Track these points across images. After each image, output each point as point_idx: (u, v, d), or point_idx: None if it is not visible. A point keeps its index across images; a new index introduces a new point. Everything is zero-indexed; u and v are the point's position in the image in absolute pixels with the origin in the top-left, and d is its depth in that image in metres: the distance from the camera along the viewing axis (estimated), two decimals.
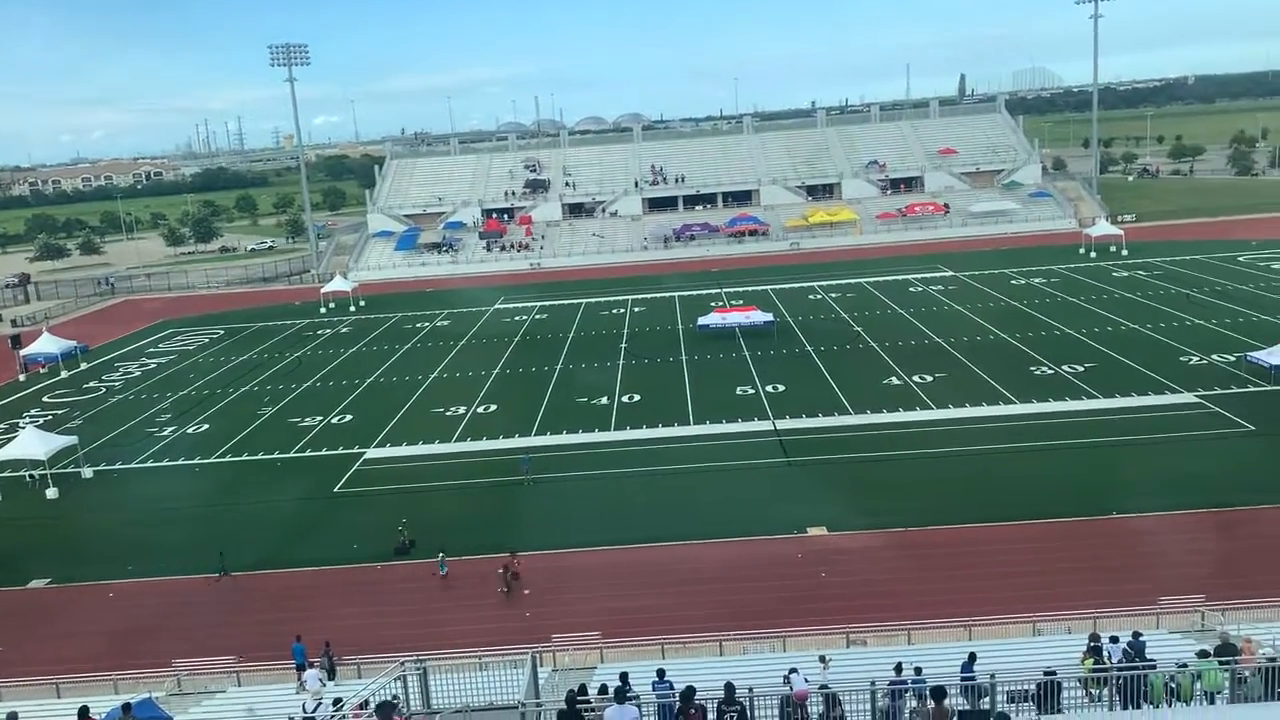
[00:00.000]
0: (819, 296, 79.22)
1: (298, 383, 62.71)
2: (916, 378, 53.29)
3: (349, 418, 54.21)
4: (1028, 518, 35.10)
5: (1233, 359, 51.46)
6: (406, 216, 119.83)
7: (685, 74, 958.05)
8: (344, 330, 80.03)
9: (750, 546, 34.72)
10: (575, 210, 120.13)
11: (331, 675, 26.68)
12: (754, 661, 24.92)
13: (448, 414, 53.38)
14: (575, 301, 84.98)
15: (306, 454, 48.55)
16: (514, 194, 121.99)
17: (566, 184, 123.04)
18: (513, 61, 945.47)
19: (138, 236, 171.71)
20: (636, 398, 53.80)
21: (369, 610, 32.29)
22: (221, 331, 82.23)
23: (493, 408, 54.28)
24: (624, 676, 20.36)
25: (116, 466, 48.69)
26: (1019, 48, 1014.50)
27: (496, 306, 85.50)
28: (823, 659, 23.14)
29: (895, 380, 53.31)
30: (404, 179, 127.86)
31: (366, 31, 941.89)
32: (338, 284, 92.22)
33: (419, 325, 79.58)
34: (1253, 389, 46.93)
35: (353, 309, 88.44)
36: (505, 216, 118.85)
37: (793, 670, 20.26)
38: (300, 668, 26.92)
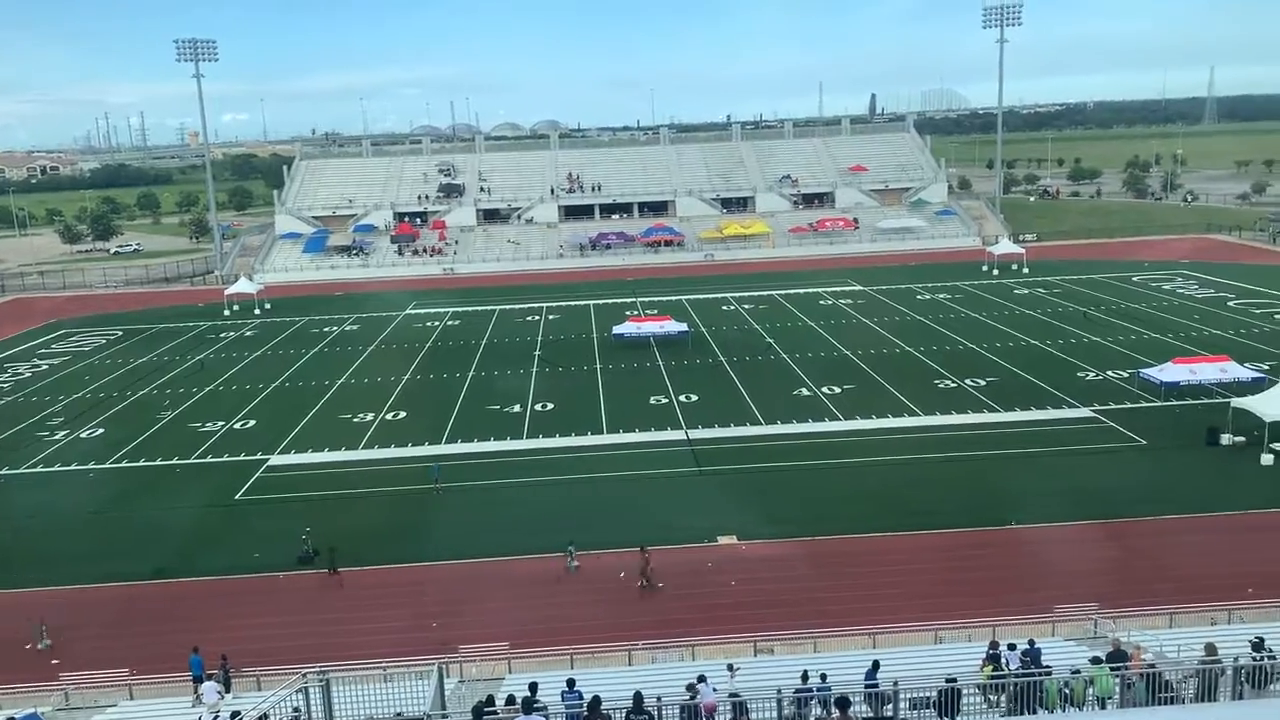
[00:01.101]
0: (732, 308, 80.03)
1: (199, 387, 60.90)
2: (825, 389, 54.17)
3: (252, 423, 52.84)
4: (931, 528, 35.92)
5: (1126, 375, 53.48)
6: (315, 218, 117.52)
7: (603, 83, 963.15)
8: (249, 333, 78.05)
9: (661, 555, 34.76)
10: (490, 216, 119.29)
11: (228, 688, 25.94)
12: (663, 670, 24.99)
13: (355, 421, 52.42)
14: (489, 308, 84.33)
15: (207, 460, 47.16)
16: (428, 198, 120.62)
17: (482, 189, 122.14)
18: (428, 64, 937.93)
19: (32, 233, 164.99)
20: (550, 406, 53.58)
21: (271, 621, 31.47)
22: (120, 333, 79.42)
23: (402, 415, 53.48)
24: (533, 687, 20.25)
25: (3, 472, 46.61)
26: (928, 69, 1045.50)
27: (408, 311, 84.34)
28: (730, 667, 23.33)
29: (805, 391, 54.11)
30: (314, 180, 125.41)
31: (278, 29, 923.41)
32: (243, 286, 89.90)
33: (327, 329, 78.06)
34: (1144, 404, 48.83)
35: (258, 312, 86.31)
36: (418, 220, 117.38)
37: (700, 679, 20.35)
38: (197, 680, 26.09)
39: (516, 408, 53.45)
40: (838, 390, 53.89)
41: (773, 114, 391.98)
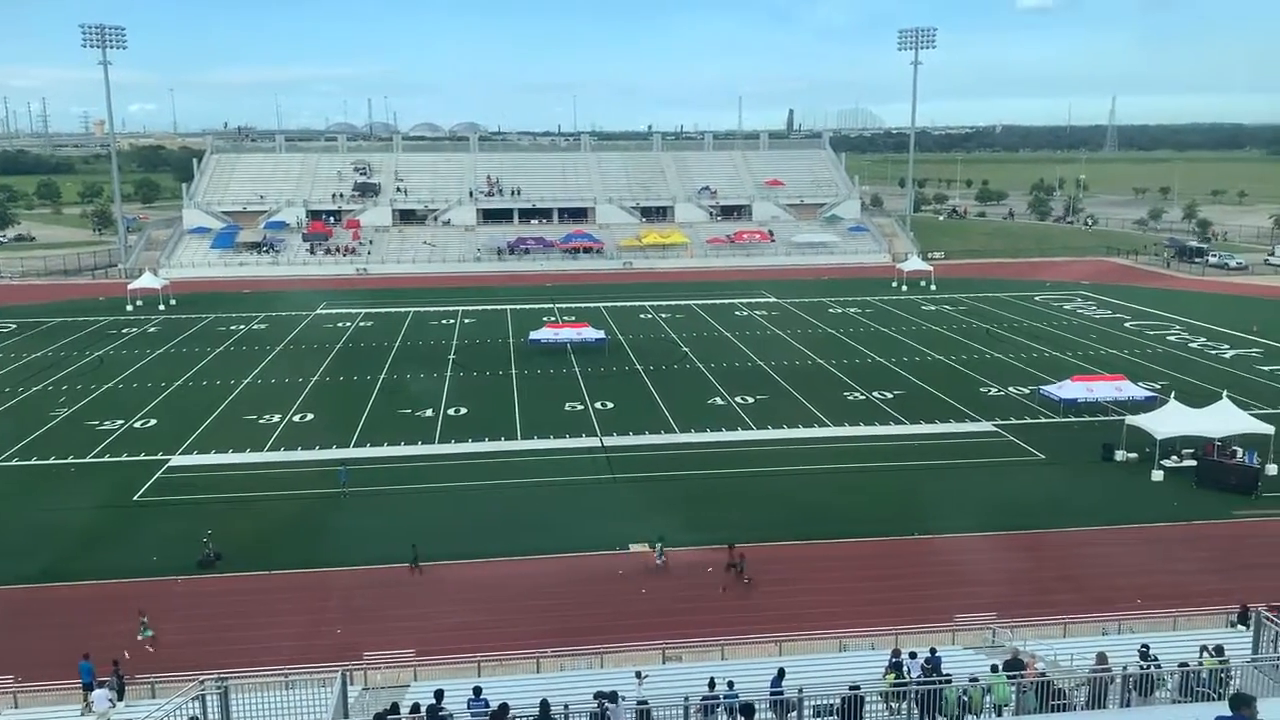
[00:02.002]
0: (650, 316, 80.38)
1: (98, 384, 58.82)
2: (739, 399, 54.75)
3: (153, 422, 51.24)
4: (838, 536, 36.55)
5: (1026, 391, 55.19)
6: (225, 214, 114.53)
7: (525, 87, 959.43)
8: (152, 330, 75.69)
9: (573, 562, 34.76)
10: (406, 217, 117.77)
11: (121, 695, 25.07)
12: (571, 678, 24.93)
13: (261, 422, 51.21)
14: (403, 310, 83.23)
15: (105, 459, 45.55)
16: (342, 196, 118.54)
17: (398, 190, 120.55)
18: (346, 61, 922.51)
19: None
20: (463, 411, 53.09)
21: (169, 626, 30.47)
22: (14, 326, 76.26)
23: (310, 417, 52.43)
24: (438, 694, 20.03)
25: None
26: (844, 88, 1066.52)
27: (318, 311, 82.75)
28: (638, 675, 23.39)
29: (719, 400, 54.60)
30: (224, 174, 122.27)
31: (191, 18, 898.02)
32: (147, 281, 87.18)
33: (234, 328, 76.12)
34: (1043, 420, 50.45)
35: (162, 308, 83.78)
36: (331, 219, 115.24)
37: (613, 697, 20.26)
38: (87, 687, 25.15)
39: (429, 412, 52.84)
40: (751, 400, 54.52)
41: (693, 125, 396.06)
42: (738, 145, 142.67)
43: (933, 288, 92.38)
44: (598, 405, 53.64)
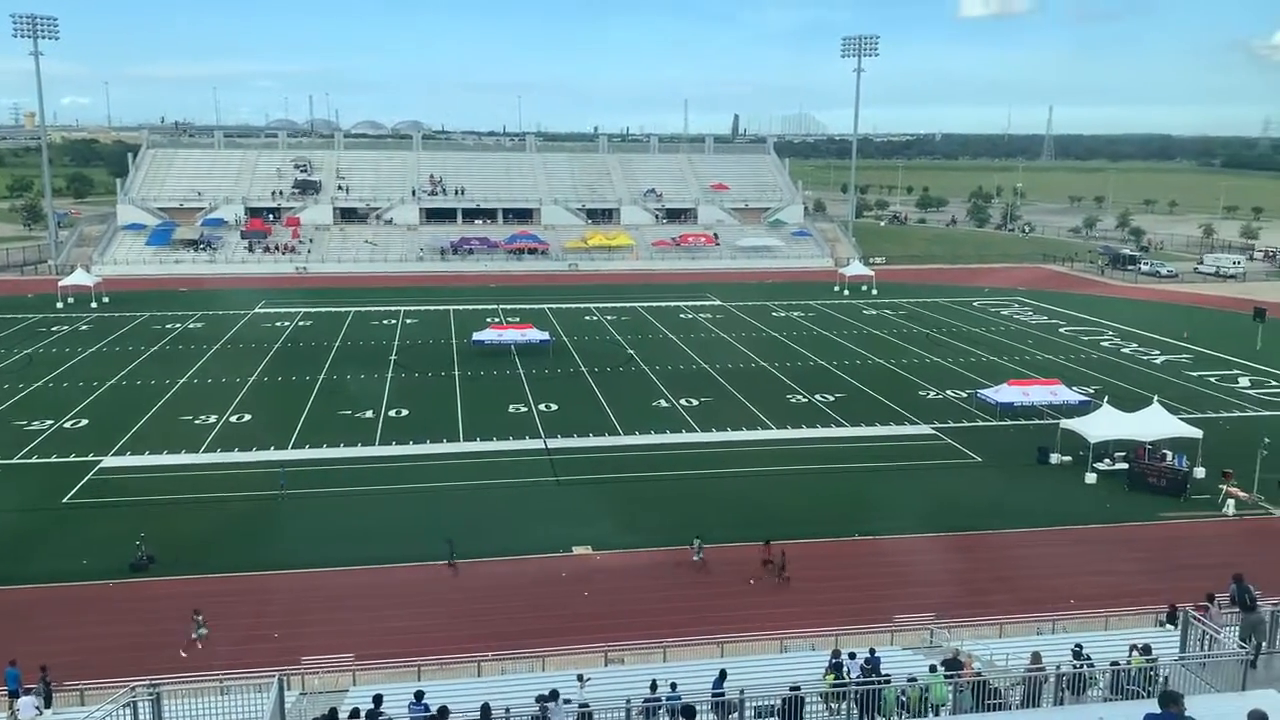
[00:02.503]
0: (595, 318, 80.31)
1: (26, 383, 57.22)
2: (683, 401, 54.93)
3: (84, 422, 49.98)
4: (780, 538, 36.74)
5: (964, 395, 56.11)
6: (161, 210, 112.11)
7: (469, 87, 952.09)
8: (83, 328, 73.83)
9: (515, 565, 34.58)
10: (348, 215, 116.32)
11: (48, 703, 24.38)
12: (512, 682, 24.79)
13: (197, 422, 50.20)
14: (343, 310, 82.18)
15: (33, 460, 44.32)
16: (282, 194, 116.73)
17: (339, 187, 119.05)
18: (287, 57, 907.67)
19: None
20: (405, 412, 52.56)
21: (99, 632, 29.76)
22: None
23: (247, 417, 51.52)
24: (377, 699, 19.81)
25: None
26: (788, 94, 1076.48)
27: (257, 310, 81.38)
28: (580, 678, 23.34)
29: (663, 403, 54.73)
30: (161, 170, 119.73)
31: (126, 9, 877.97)
32: (79, 278, 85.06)
33: (169, 326, 74.54)
34: (980, 423, 51.33)
35: (94, 305, 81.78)
36: (271, 216, 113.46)
37: (553, 696, 20.19)
38: (13, 695, 24.39)
39: (369, 413, 52.22)
40: (695, 402, 54.71)
41: (639, 128, 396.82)
42: (683, 149, 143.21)
43: (874, 292, 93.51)
44: (542, 407, 53.45)
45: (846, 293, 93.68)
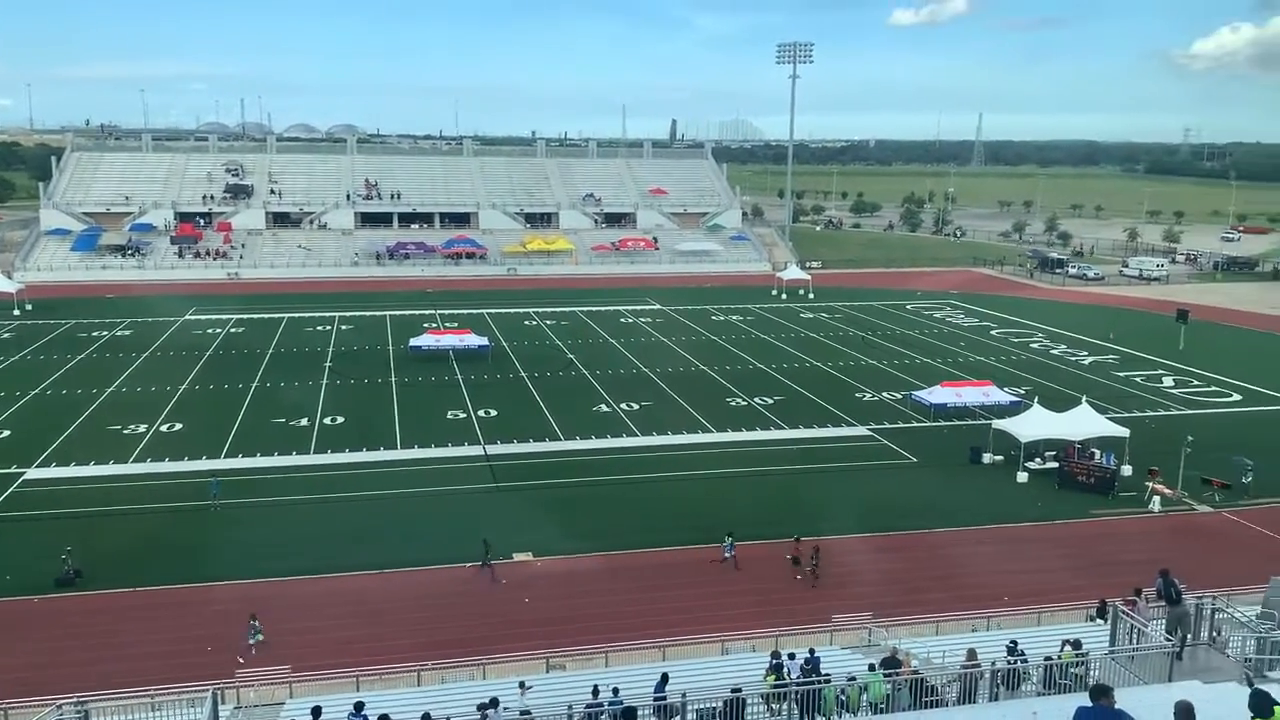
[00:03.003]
0: (534, 323, 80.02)
1: None
2: (624, 405, 54.95)
3: (7, 433, 48.47)
4: (720, 541, 36.92)
5: (899, 397, 56.94)
6: (87, 215, 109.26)
7: (405, 89, 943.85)
8: (5, 336, 71.64)
9: (455, 573, 34.27)
10: (281, 220, 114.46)
11: None
12: (453, 691, 24.57)
13: (126, 432, 48.98)
14: (277, 316, 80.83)
15: None
16: (213, 198, 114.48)
17: (272, 192, 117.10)
18: (218, 59, 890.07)
19: None
20: (340, 420, 51.84)
21: (23, 649, 28.85)
22: None
23: (178, 426, 50.38)
24: (315, 711, 19.51)
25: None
26: (726, 100, 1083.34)
27: (187, 317, 79.66)
28: (522, 685, 23.20)
29: (604, 407, 54.70)
30: (86, 174, 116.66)
31: (49, 8, 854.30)
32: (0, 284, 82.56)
33: (96, 334, 72.65)
34: (915, 424, 52.13)
35: (17, 313, 79.38)
36: (201, 221, 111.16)
37: (493, 702, 20.09)
38: None
39: (304, 421, 51.42)
40: (635, 407, 54.77)
41: (578, 132, 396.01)
42: (622, 153, 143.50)
43: (811, 296, 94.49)
44: (481, 413, 53.09)
45: (784, 296, 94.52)
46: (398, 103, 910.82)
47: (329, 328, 76.73)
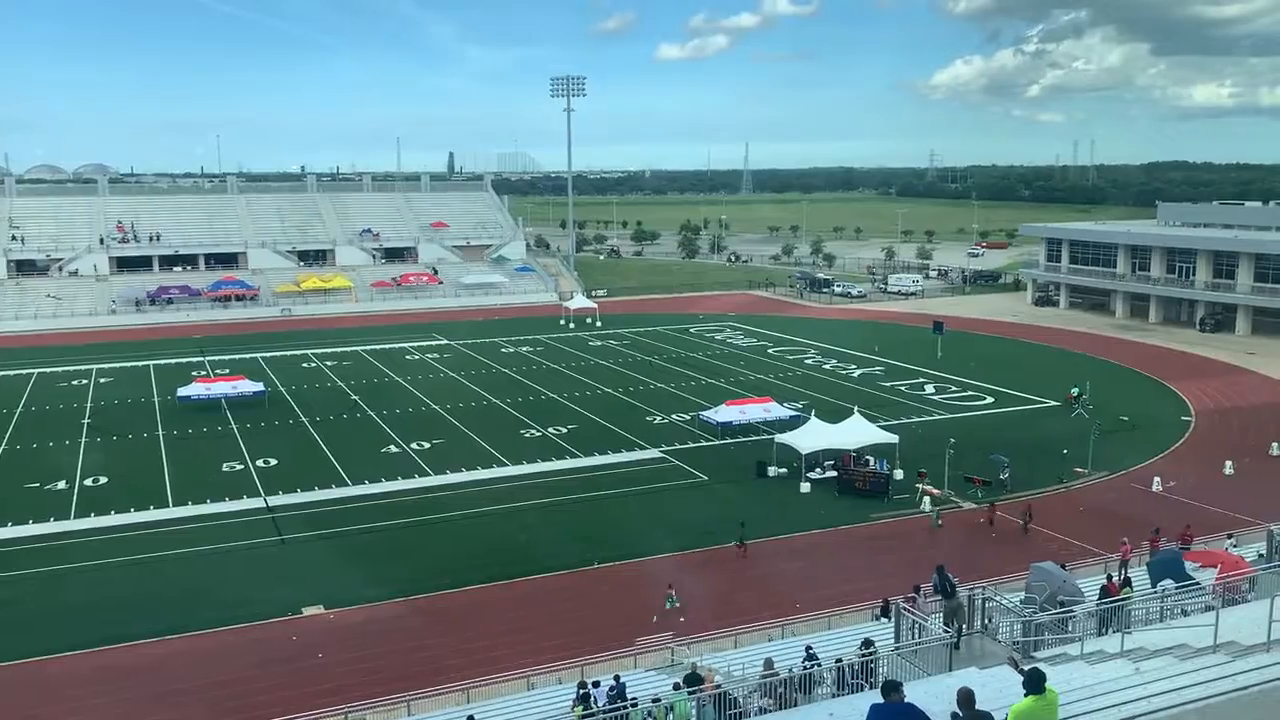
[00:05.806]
0: (314, 365, 76.97)
1: None
2: (414, 445, 53.63)
3: None
4: (522, 575, 36.61)
5: (688, 417, 58.37)
6: None
7: (159, 126, 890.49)
8: None
9: (237, 635, 32.26)
10: (25, 268, 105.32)
11: None
12: None
13: None
14: (24, 372, 74.10)
15: None
16: None
17: (14, 238, 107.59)
18: None
19: None
20: (103, 480, 48.01)
21: None
22: None
23: None
24: None
25: None
26: (503, 132, 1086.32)
27: None
28: None
29: (394, 448, 53.20)
30: None
31: None
32: None
33: None
34: (704, 443, 53.55)
35: None
36: None
37: None
38: None
39: (61, 484, 47.31)
40: (427, 445, 53.58)
41: (350, 166, 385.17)
42: (399, 187, 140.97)
43: (598, 324, 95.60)
44: (259, 463, 50.47)
45: (572, 325, 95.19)
46: (152, 139, 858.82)
47: (86, 381, 71.04)
